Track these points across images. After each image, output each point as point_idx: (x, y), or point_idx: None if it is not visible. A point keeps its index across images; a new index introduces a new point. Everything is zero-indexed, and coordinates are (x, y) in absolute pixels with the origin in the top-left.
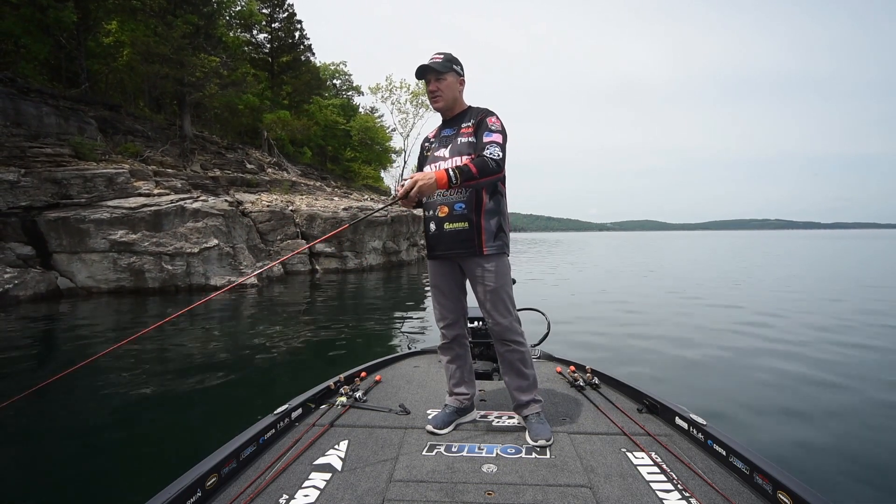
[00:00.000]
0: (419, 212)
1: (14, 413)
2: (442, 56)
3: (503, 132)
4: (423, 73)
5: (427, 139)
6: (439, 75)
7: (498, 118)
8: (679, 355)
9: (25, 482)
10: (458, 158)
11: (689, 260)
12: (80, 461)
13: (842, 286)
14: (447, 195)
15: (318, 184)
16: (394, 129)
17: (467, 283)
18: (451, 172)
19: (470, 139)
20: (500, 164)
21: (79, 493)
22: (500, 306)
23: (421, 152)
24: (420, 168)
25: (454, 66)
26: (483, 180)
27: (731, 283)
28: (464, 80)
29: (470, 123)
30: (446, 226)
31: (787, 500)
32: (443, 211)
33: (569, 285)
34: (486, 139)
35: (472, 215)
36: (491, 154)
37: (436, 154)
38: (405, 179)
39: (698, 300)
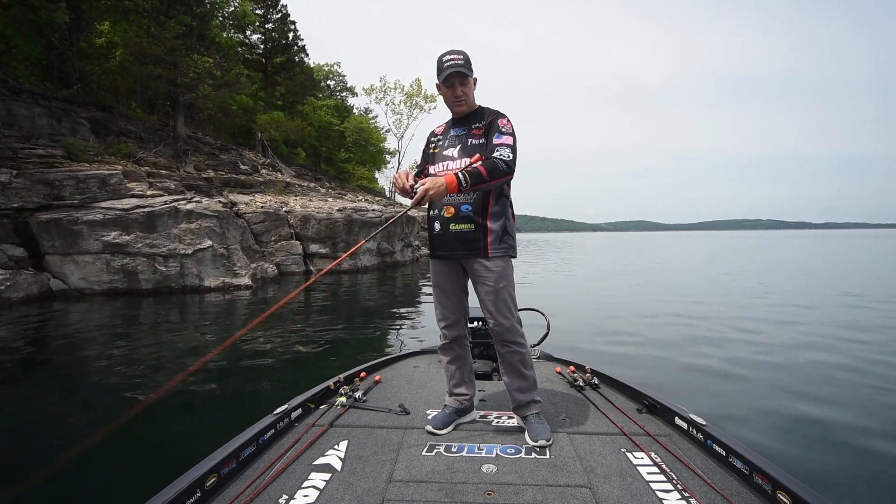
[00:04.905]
0: (414, 212)
1: (12, 414)
2: (462, 57)
3: (514, 135)
4: (450, 77)
5: (434, 134)
6: (465, 79)
7: (509, 120)
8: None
9: (24, 483)
10: (468, 160)
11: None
12: (79, 462)
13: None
14: (454, 195)
15: (312, 185)
16: (388, 130)
17: (469, 283)
18: (462, 176)
19: (481, 141)
20: (510, 167)
21: (78, 493)
22: (502, 307)
23: (426, 147)
24: (424, 162)
25: (471, 67)
26: (493, 183)
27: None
28: (476, 79)
29: (481, 124)
30: (452, 226)
31: (786, 500)
32: (449, 211)
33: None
34: (496, 141)
35: (479, 217)
36: (501, 156)
37: (444, 153)
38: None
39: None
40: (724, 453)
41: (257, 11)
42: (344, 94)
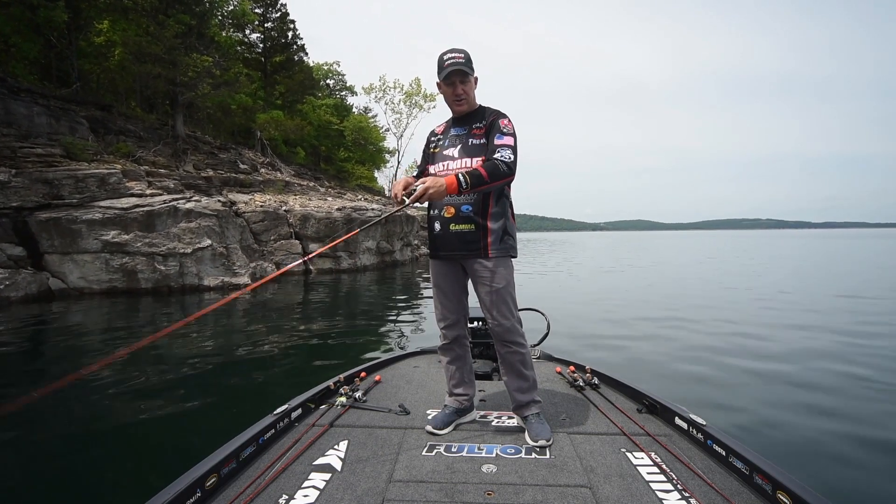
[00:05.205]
0: (413, 212)
1: (12, 415)
2: (462, 56)
3: (515, 135)
4: (451, 76)
5: (434, 133)
6: (465, 77)
7: (510, 121)
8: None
9: (24, 484)
10: (469, 160)
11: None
12: (79, 463)
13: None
14: (454, 196)
15: (311, 184)
16: (387, 130)
17: (469, 283)
18: (462, 178)
19: (481, 141)
20: (511, 168)
21: (78, 494)
22: (502, 307)
23: (426, 146)
24: (424, 161)
25: (473, 66)
26: (494, 184)
27: None
28: (477, 78)
29: (482, 124)
30: (452, 227)
31: (786, 500)
32: (449, 212)
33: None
34: (497, 142)
35: (479, 218)
36: (502, 157)
37: (444, 153)
38: (416, 185)
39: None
40: (724, 453)
41: (256, 10)
42: (343, 93)
